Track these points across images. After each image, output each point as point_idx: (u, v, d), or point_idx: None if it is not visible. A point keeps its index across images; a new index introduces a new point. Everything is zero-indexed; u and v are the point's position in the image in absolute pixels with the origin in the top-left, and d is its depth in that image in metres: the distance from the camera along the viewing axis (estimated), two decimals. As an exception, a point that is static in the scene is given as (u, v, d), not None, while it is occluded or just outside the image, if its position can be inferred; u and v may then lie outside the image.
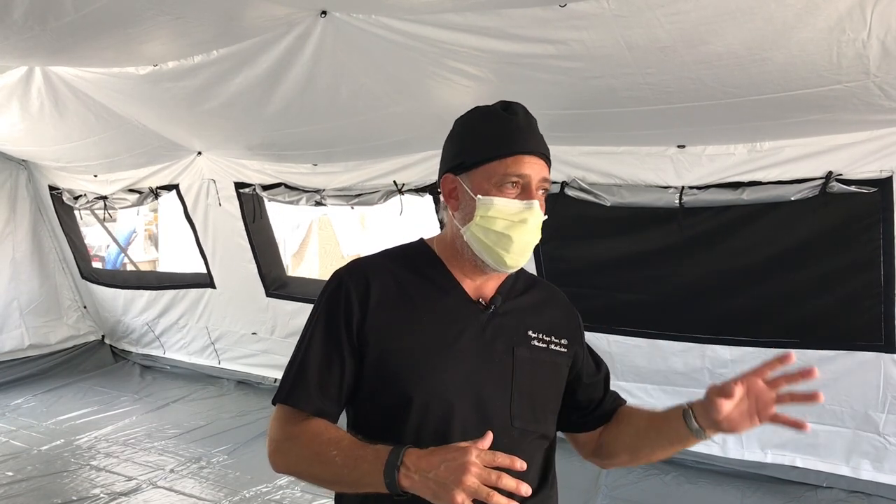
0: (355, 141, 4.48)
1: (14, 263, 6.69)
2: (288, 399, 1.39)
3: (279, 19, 3.06)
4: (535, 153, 1.40)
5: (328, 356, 1.39)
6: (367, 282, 1.41)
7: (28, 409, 5.84)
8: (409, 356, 1.37)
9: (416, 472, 1.17)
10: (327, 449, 1.30)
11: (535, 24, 2.66)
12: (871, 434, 3.69)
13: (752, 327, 3.85)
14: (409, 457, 1.19)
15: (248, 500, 4.02)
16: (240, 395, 6.07)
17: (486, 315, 1.44)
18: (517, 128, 1.41)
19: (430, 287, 1.45)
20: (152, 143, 5.22)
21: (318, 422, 1.37)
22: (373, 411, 1.41)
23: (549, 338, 1.48)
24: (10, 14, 2.78)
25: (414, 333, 1.39)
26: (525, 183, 1.38)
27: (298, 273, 10.33)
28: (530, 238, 1.39)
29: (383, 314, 1.39)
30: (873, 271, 3.44)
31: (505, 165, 1.38)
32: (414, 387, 1.35)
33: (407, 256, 1.50)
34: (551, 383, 1.48)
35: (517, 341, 1.44)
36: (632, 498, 3.91)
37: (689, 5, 2.39)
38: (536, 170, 1.39)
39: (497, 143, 1.40)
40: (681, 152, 3.71)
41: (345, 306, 1.39)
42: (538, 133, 1.44)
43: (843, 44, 2.46)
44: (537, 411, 1.44)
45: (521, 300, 1.50)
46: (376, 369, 1.38)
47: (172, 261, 9.20)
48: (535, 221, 1.38)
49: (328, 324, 1.40)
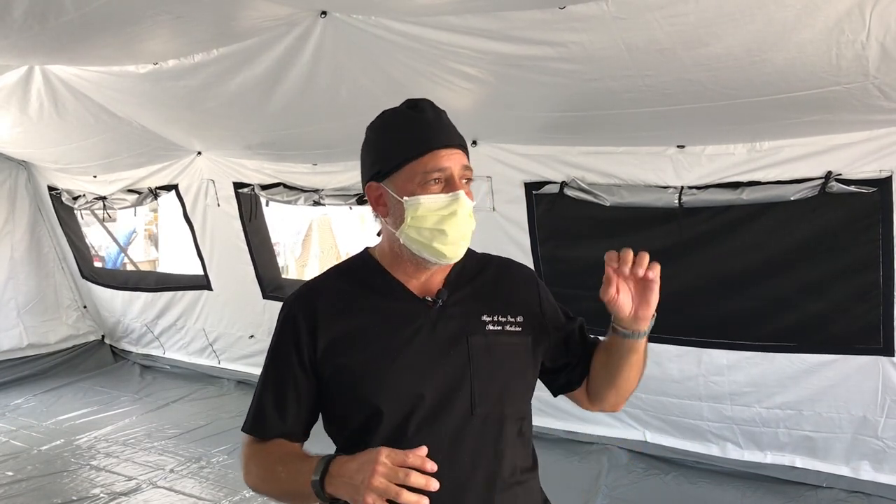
0: (355, 141, 4.43)
1: (12, 263, 6.69)
2: (250, 428, 1.48)
3: (279, 19, 3.06)
4: (451, 145, 1.42)
5: (282, 384, 1.45)
6: (312, 304, 1.46)
7: (28, 409, 5.85)
8: (364, 366, 1.40)
9: (339, 478, 1.24)
10: (275, 467, 1.40)
11: (535, 27, 2.66)
12: (870, 438, 3.68)
13: (749, 330, 3.84)
14: (333, 465, 1.27)
15: (248, 500, 4.02)
16: (240, 395, 6.06)
17: (434, 311, 1.45)
18: (427, 124, 1.43)
19: (375, 295, 1.47)
20: (151, 144, 5.22)
21: (273, 443, 1.45)
22: (343, 425, 1.46)
23: (504, 318, 1.48)
24: (10, 13, 2.78)
25: (365, 343, 1.41)
26: (447, 176, 1.41)
27: (303, 276, 10.32)
28: (464, 227, 1.41)
29: (332, 331, 1.43)
30: (872, 272, 3.43)
31: (424, 163, 1.40)
32: (374, 394, 1.38)
33: (350, 270, 1.55)
34: (514, 363, 1.48)
35: (470, 330, 1.45)
36: (632, 498, 3.91)
37: (689, 7, 2.39)
38: (455, 160, 1.42)
39: (412, 143, 1.42)
40: (680, 152, 3.71)
41: (292, 332, 1.45)
42: (449, 124, 1.46)
43: (843, 45, 2.46)
44: (503, 394, 1.44)
45: (471, 287, 1.51)
46: (335, 385, 1.43)
47: (172, 261, 9.19)
48: (465, 210, 1.41)
49: (279, 352, 1.47)
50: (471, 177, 1.45)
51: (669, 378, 4.10)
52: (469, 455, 1.39)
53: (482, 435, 1.40)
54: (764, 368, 3.83)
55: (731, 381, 3.95)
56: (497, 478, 1.41)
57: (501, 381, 1.45)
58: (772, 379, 3.83)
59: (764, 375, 3.85)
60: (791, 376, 3.78)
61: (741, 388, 3.94)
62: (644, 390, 4.22)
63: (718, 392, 4.01)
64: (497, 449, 1.42)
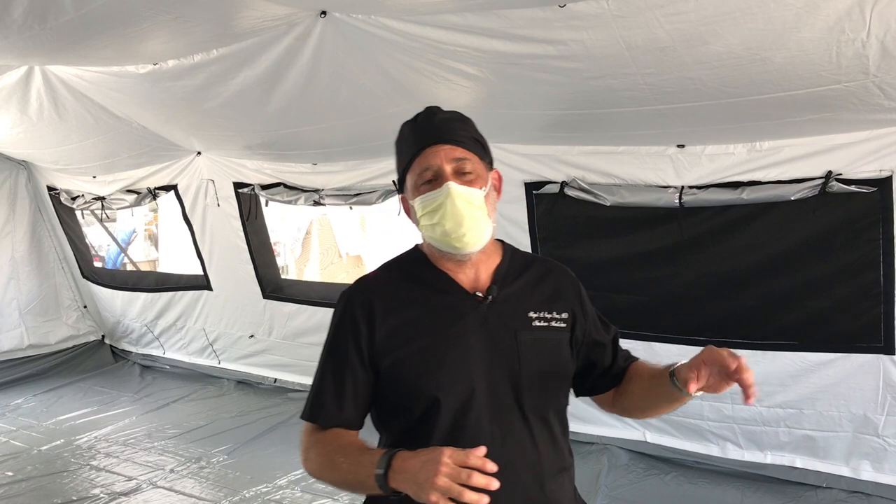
0: (354, 141, 4.48)
1: (13, 263, 6.69)
2: (309, 416, 1.53)
3: (279, 19, 3.06)
4: (438, 141, 1.47)
5: (340, 375, 1.50)
6: (369, 299, 1.51)
7: (28, 409, 5.85)
8: (419, 360, 1.46)
9: (401, 474, 1.27)
10: (336, 457, 1.44)
11: (535, 25, 2.66)
12: (871, 436, 3.68)
13: (750, 329, 3.83)
14: (396, 459, 1.29)
15: (248, 500, 4.02)
16: (240, 395, 6.06)
17: (485, 306, 1.50)
18: (417, 129, 1.51)
19: (428, 290, 1.52)
20: (151, 144, 5.22)
21: (334, 432, 1.50)
22: (400, 416, 1.50)
23: (549, 315, 1.54)
24: (9, 13, 2.78)
25: (420, 338, 1.47)
26: (434, 172, 1.46)
27: (302, 276, 10.33)
28: (460, 217, 1.44)
29: (388, 325, 1.48)
30: (873, 271, 3.43)
31: (416, 167, 1.48)
32: (431, 387, 1.44)
33: (403, 265, 1.60)
34: (556, 359, 1.54)
35: (519, 325, 1.50)
36: (632, 498, 3.91)
37: (689, 5, 2.39)
38: (442, 155, 1.46)
39: (404, 152, 1.52)
40: (680, 152, 3.71)
41: (351, 326, 1.50)
42: (445, 122, 1.50)
43: (843, 44, 2.46)
44: (548, 388, 1.51)
45: (518, 283, 1.56)
46: (391, 378, 1.48)
47: (172, 261, 9.18)
48: (455, 201, 1.43)
49: (338, 345, 1.52)
50: (468, 168, 1.47)
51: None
52: (521, 445, 1.45)
53: (531, 426, 1.47)
54: (765, 367, 3.83)
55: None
56: (546, 466, 1.49)
57: (547, 376, 1.51)
58: (773, 377, 3.83)
59: (765, 374, 3.84)
60: (792, 375, 3.78)
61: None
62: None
63: (719, 391, 4.00)
64: (545, 439, 1.49)
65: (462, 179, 1.46)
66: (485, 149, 1.55)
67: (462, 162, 1.47)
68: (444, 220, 1.44)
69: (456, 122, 1.51)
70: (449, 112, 1.53)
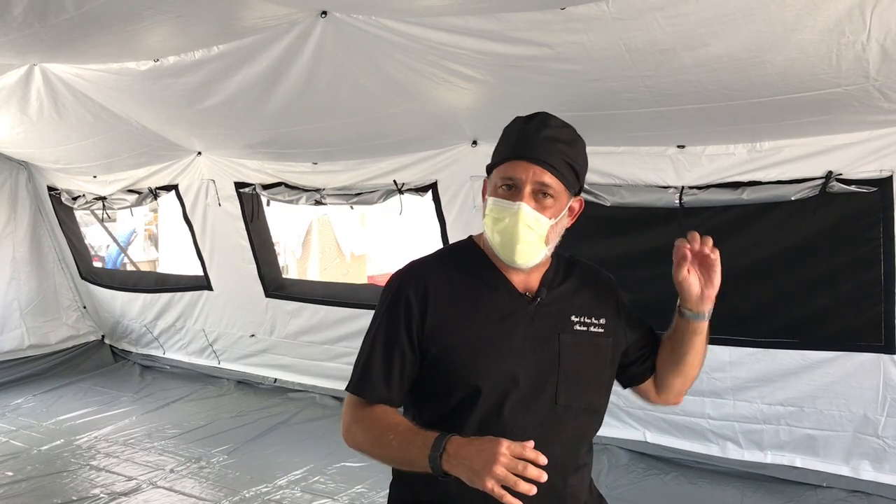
0: (355, 140, 4.48)
1: (14, 263, 6.68)
2: (356, 389, 1.58)
3: (279, 19, 3.06)
4: (531, 159, 1.49)
5: (390, 353, 1.55)
6: (424, 284, 1.56)
7: (28, 409, 5.84)
8: (468, 350, 1.52)
9: (456, 459, 1.33)
10: (385, 433, 1.49)
11: (535, 27, 2.67)
12: (870, 437, 3.68)
13: (751, 328, 3.84)
14: (450, 444, 1.35)
15: (248, 500, 4.02)
16: (240, 395, 6.06)
17: (533, 307, 1.57)
18: (522, 135, 1.53)
19: (480, 284, 1.58)
20: (152, 144, 5.22)
21: (380, 408, 1.55)
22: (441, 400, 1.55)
23: (589, 320, 1.61)
24: (9, 11, 2.79)
25: (471, 329, 1.53)
26: (514, 185, 1.50)
27: (304, 276, 10.33)
28: (516, 238, 1.49)
29: (441, 313, 1.54)
30: (873, 271, 3.44)
31: (503, 170, 1.52)
32: (476, 377, 1.50)
33: (458, 256, 1.65)
34: (595, 362, 1.61)
35: (561, 328, 1.57)
36: (632, 498, 3.91)
37: (689, 8, 2.39)
38: (531, 173, 1.48)
39: (503, 150, 1.55)
40: (681, 152, 3.71)
41: (405, 307, 1.54)
42: (550, 141, 1.51)
43: (843, 46, 2.46)
44: (582, 389, 1.58)
45: (563, 288, 1.63)
46: (438, 364, 1.54)
47: (172, 261, 9.18)
48: (514, 221, 1.48)
49: (390, 323, 1.56)
50: (550, 193, 1.50)
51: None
52: (549, 440, 1.48)
53: (562, 423, 1.55)
54: (766, 365, 3.84)
55: (734, 377, 3.95)
56: (570, 461, 1.57)
57: (582, 377, 1.58)
58: (773, 375, 3.84)
59: (766, 371, 3.85)
60: (793, 372, 3.79)
61: (743, 383, 3.95)
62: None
63: (720, 388, 4.02)
64: (572, 436, 1.57)
65: (538, 203, 1.50)
66: (578, 177, 1.57)
67: (546, 187, 1.49)
68: (502, 232, 1.50)
69: (560, 144, 1.52)
70: (562, 129, 1.54)
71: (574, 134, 1.57)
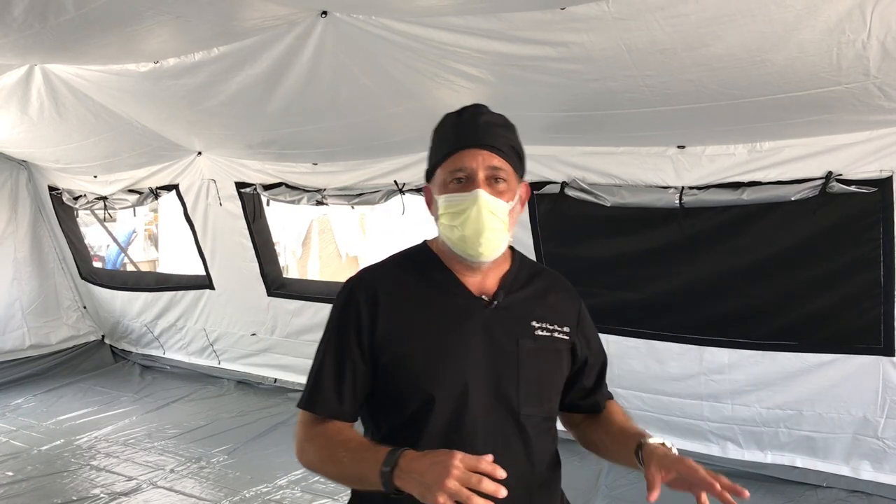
0: (356, 140, 4.48)
1: (16, 264, 6.69)
2: (306, 405, 1.51)
3: (279, 19, 3.06)
4: (477, 145, 1.44)
5: (341, 365, 1.49)
6: (374, 290, 1.50)
7: (28, 409, 5.85)
8: (420, 357, 1.45)
9: (408, 474, 1.26)
10: (338, 450, 1.42)
11: (535, 27, 2.67)
12: (870, 438, 3.68)
13: (750, 329, 3.84)
14: (403, 458, 1.28)
15: (248, 500, 4.02)
16: (240, 395, 6.06)
17: (489, 310, 1.49)
18: (460, 126, 1.47)
19: (434, 288, 1.51)
20: (152, 144, 5.22)
21: (333, 424, 1.49)
22: (396, 411, 1.48)
23: (552, 326, 1.53)
24: (10, 12, 2.79)
25: (423, 335, 1.46)
26: (467, 175, 1.43)
27: (305, 275, 10.33)
28: (482, 227, 1.42)
29: (391, 320, 1.47)
30: (873, 272, 3.43)
31: (449, 164, 1.45)
32: (429, 385, 1.43)
33: (411, 261, 1.58)
34: (554, 370, 1.55)
35: (521, 333, 1.50)
36: (632, 498, 3.90)
37: (689, 8, 2.40)
38: (480, 160, 1.43)
39: (442, 145, 1.48)
40: (681, 153, 3.71)
41: (354, 316, 1.48)
42: (489, 126, 1.47)
43: (843, 45, 2.46)
44: (542, 397, 1.52)
45: (525, 292, 1.55)
46: (390, 373, 1.47)
47: (172, 261, 9.18)
48: (479, 209, 1.41)
49: (339, 334, 1.51)
50: (502, 176, 1.45)
51: (670, 376, 4.11)
52: (512, 451, 1.45)
53: (525, 433, 1.47)
54: (765, 367, 3.84)
55: (732, 379, 3.95)
56: (535, 474, 1.50)
57: (544, 384, 1.52)
58: (772, 377, 3.83)
59: (765, 374, 3.85)
60: (792, 375, 3.78)
61: (742, 386, 3.94)
62: (644, 389, 4.23)
63: (719, 391, 4.01)
64: (536, 447, 1.50)
65: (493, 189, 1.44)
66: (521, 160, 1.52)
67: (497, 171, 1.44)
68: (465, 225, 1.42)
69: (500, 128, 1.48)
70: (496, 115, 1.50)
71: (508, 120, 1.52)
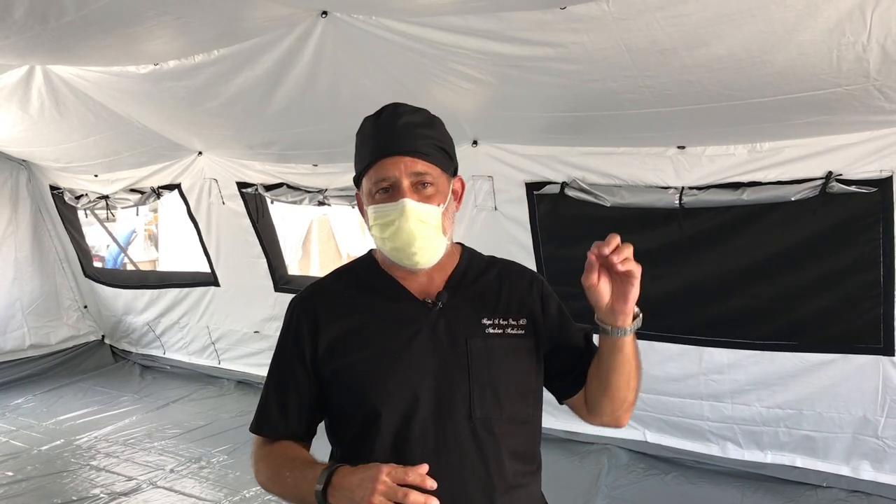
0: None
1: (17, 264, 6.69)
2: (254, 428, 1.53)
3: (280, 19, 3.06)
4: (399, 152, 1.38)
5: (285, 385, 1.49)
6: (313, 306, 1.48)
7: (28, 409, 5.85)
8: (363, 367, 1.41)
9: (339, 490, 1.26)
10: (282, 470, 1.42)
11: (535, 27, 2.67)
12: (870, 437, 3.68)
13: (749, 329, 3.84)
14: (336, 475, 1.28)
15: (248, 500, 4.02)
16: (240, 395, 6.07)
17: (434, 312, 1.44)
18: (379, 131, 1.41)
19: (376, 297, 1.47)
20: (152, 143, 5.23)
21: (281, 445, 1.49)
22: (344, 427, 1.46)
23: (505, 321, 1.46)
24: (10, 13, 2.79)
25: (365, 345, 1.42)
26: (391, 184, 1.38)
27: (308, 271, 10.33)
28: (412, 236, 1.37)
29: (332, 332, 1.44)
30: (873, 272, 3.43)
31: (373, 174, 1.40)
32: (372, 397, 1.39)
33: (353, 272, 1.56)
34: (514, 367, 1.45)
35: (470, 332, 1.43)
36: (632, 498, 3.91)
37: (689, 8, 2.39)
38: (402, 168, 1.37)
39: (365, 153, 1.42)
40: (681, 153, 3.71)
41: (294, 334, 1.48)
42: (409, 128, 1.40)
43: (843, 46, 2.46)
44: (501, 398, 1.42)
45: (473, 289, 1.49)
46: (335, 386, 1.44)
47: (172, 261, 9.18)
48: (408, 219, 1.36)
49: (281, 354, 1.51)
50: (429, 181, 1.39)
51: (670, 377, 4.11)
52: (469, 458, 1.38)
53: (481, 438, 1.39)
54: (764, 367, 3.84)
55: (732, 379, 3.95)
56: (497, 480, 1.40)
57: (501, 385, 1.43)
58: (772, 378, 3.83)
59: (764, 374, 3.85)
60: (791, 375, 3.78)
61: (741, 386, 3.94)
62: (644, 390, 4.19)
63: (719, 391, 4.02)
64: (497, 452, 1.41)
65: (420, 195, 1.38)
66: (450, 157, 1.46)
67: (422, 176, 1.38)
68: (395, 236, 1.38)
69: (421, 129, 1.41)
70: (415, 113, 1.43)
71: (429, 115, 1.46)
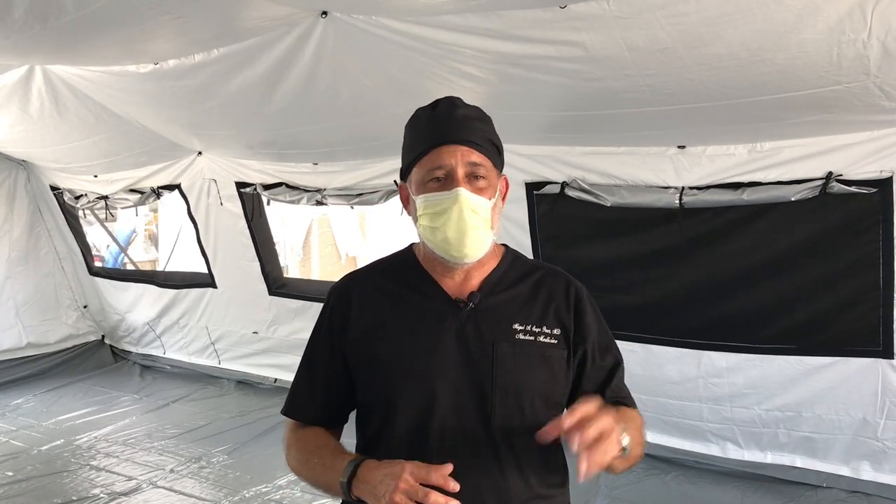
0: (356, 141, 4.48)
1: (10, 262, 6.69)
2: (286, 410, 1.55)
3: (280, 19, 3.06)
4: (456, 141, 1.37)
5: (314, 370, 1.51)
6: (349, 295, 1.49)
7: (28, 409, 5.85)
8: (387, 360, 1.41)
9: (364, 484, 1.27)
10: (311, 457, 1.44)
11: (536, 26, 2.67)
12: (869, 440, 3.68)
13: (748, 332, 3.83)
14: (361, 468, 1.29)
15: (248, 500, 4.02)
16: (240, 395, 6.07)
17: (464, 312, 1.42)
18: (435, 121, 1.41)
19: (410, 292, 1.47)
20: (152, 143, 5.22)
21: (312, 430, 1.50)
22: (366, 418, 1.48)
23: (538, 329, 1.42)
24: (10, 13, 2.79)
25: (393, 339, 1.42)
26: (446, 172, 1.37)
27: (309, 274, 10.33)
28: (463, 226, 1.35)
29: (363, 322, 1.45)
30: (872, 273, 3.43)
31: (427, 162, 1.39)
32: (391, 391, 1.40)
33: (391, 265, 1.56)
34: (541, 376, 1.41)
35: (499, 336, 1.40)
36: (632, 498, 3.91)
37: (690, 7, 2.40)
38: (459, 156, 1.37)
39: (419, 142, 1.41)
40: (681, 153, 3.71)
41: (328, 322, 1.50)
42: (466, 120, 1.41)
43: (844, 44, 2.46)
44: (525, 406, 1.39)
45: (510, 292, 1.46)
46: (360, 375, 1.45)
47: (172, 261, 9.18)
48: (460, 209, 1.35)
49: (315, 339, 1.53)
50: (482, 173, 1.38)
51: (669, 380, 4.10)
52: (488, 465, 1.36)
53: (499, 445, 1.37)
54: (763, 370, 3.83)
55: (731, 382, 3.95)
56: (515, 491, 1.37)
57: (525, 392, 1.39)
58: (771, 381, 3.83)
59: (763, 377, 3.84)
60: (790, 378, 3.78)
61: (740, 389, 3.94)
62: (644, 392, 4.22)
63: (718, 394, 4.01)
64: (516, 461, 1.38)
65: (473, 186, 1.37)
66: (499, 153, 1.45)
67: (477, 167, 1.37)
68: (446, 226, 1.35)
69: (477, 122, 1.42)
70: (471, 107, 1.44)
71: (483, 112, 1.46)
